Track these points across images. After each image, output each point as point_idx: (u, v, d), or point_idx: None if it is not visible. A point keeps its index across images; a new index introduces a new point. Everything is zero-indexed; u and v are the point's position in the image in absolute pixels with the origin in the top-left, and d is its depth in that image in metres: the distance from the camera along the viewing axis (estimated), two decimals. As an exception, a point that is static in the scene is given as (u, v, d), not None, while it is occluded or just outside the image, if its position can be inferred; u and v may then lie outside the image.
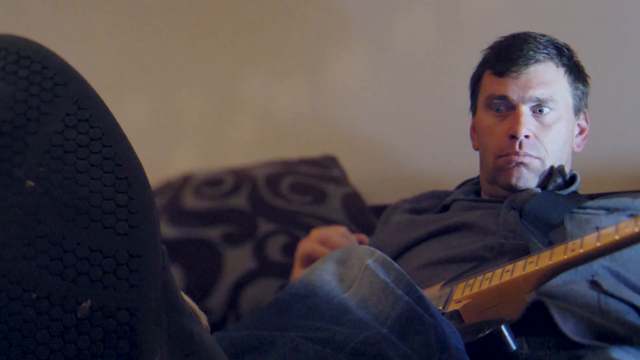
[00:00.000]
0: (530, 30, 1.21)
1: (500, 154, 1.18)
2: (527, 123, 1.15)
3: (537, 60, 1.16)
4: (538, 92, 1.16)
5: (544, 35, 1.20)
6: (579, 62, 1.22)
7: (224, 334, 0.87)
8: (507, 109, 1.18)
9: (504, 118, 1.18)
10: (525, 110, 1.16)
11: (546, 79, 1.16)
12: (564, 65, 1.18)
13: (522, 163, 1.16)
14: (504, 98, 1.18)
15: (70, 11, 2.05)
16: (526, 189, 1.15)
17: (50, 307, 0.59)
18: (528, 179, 1.16)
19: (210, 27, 1.95)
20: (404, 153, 1.68)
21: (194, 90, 1.97)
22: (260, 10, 1.89)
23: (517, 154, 1.15)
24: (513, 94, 1.17)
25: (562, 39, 1.22)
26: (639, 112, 1.46)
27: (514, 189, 1.17)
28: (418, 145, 1.67)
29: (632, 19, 1.49)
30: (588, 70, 1.24)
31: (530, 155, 1.15)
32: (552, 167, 1.17)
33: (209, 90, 1.95)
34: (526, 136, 1.15)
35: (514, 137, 1.15)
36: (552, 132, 1.16)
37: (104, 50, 2.01)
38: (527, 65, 1.16)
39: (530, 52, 1.17)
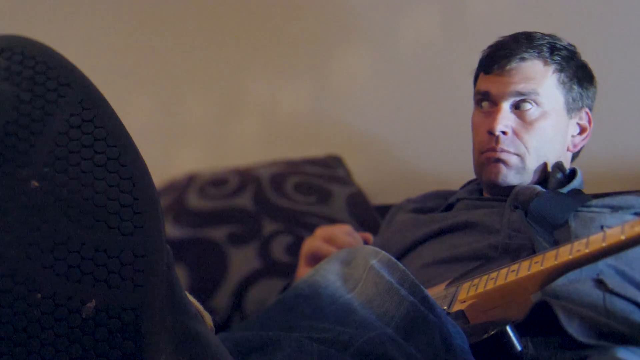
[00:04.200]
0: (535, 30, 1.21)
1: (482, 150, 1.19)
2: (505, 119, 1.15)
3: (522, 58, 1.17)
4: (519, 87, 1.16)
5: (544, 35, 1.20)
6: (580, 62, 1.22)
7: (228, 334, 0.87)
8: (491, 105, 1.19)
9: (488, 115, 1.19)
10: (504, 106, 1.16)
11: (530, 75, 1.16)
12: (554, 62, 1.18)
13: (499, 159, 1.16)
14: (486, 94, 1.19)
15: (74, 12, 2.05)
16: (529, 187, 1.15)
17: (55, 307, 0.59)
18: (507, 176, 1.16)
19: (214, 27, 1.95)
20: (409, 153, 1.68)
21: (198, 91, 1.97)
22: (265, 10, 1.89)
23: (494, 150, 1.16)
24: (494, 90, 1.18)
25: (565, 38, 1.22)
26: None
27: (495, 186, 1.18)
28: (422, 145, 1.66)
29: (634, 19, 1.48)
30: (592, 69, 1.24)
31: (508, 152, 1.16)
32: (545, 164, 1.18)
33: (213, 90, 1.95)
34: (504, 132, 1.15)
35: (491, 133, 1.16)
36: (533, 129, 1.16)
37: (109, 50, 2.01)
38: (509, 62, 1.17)
39: (516, 50, 1.17)
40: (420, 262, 1.15)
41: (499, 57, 1.18)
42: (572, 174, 1.20)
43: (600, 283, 0.97)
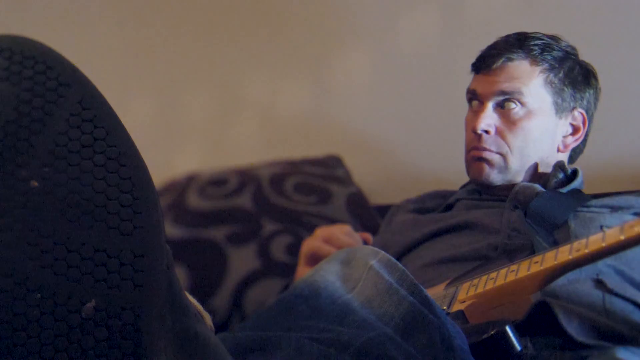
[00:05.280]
0: (535, 30, 1.21)
1: (468, 148, 1.20)
2: (487, 118, 1.17)
3: (509, 58, 1.18)
4: (504, 86, 1.17)
5: (543, 36, 1.20)
6: (577, 63, 1.21)
7: (228, 334, 0.87)
8: (479, 104, 1.20)
9: (476, 114, 1.19)
10: (488, 105, 1.18)
11: (515, 75, 1.17)
12: (544, 62, 1.18)
13: (482, 158, 1.17)
14: (474, 93, 1.21)
15: (74, 12, 2.05)
16: (529, 187, 1.15)
17: (54, 307, 0.59)
18: (490, 175, 1.18)
19: (214, 27, 1.95)
20: (409, 153, 1.68)
21: (198, 90, 1.97)
22: (265, 10, 1.89)
23: (477, 148, 1.17)
24: (480, 89, 1.19)
25: (565, 39, 1.22)
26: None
27: (480, 184, 1.20)
28: (422, 145, 1.67)
29: (634, 19, 1.48)
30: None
31: (490, 151, 1.17)
32: (536, 164, 1.18)
33: (213, 90, 1.95)
34: (487, 131, 1.16)
35: (474, 131, 1.17)
36: (517, 129, 1.17)
37: (108, 50, 2.02)
38: (495, 61, 1.18)
39: (504, 50, 1.18)
40: (420, 262, 1.15)
41: (487, 56, 1.20)
42: (574, 174, 1.20)
43: (600, 283, 0.97)
